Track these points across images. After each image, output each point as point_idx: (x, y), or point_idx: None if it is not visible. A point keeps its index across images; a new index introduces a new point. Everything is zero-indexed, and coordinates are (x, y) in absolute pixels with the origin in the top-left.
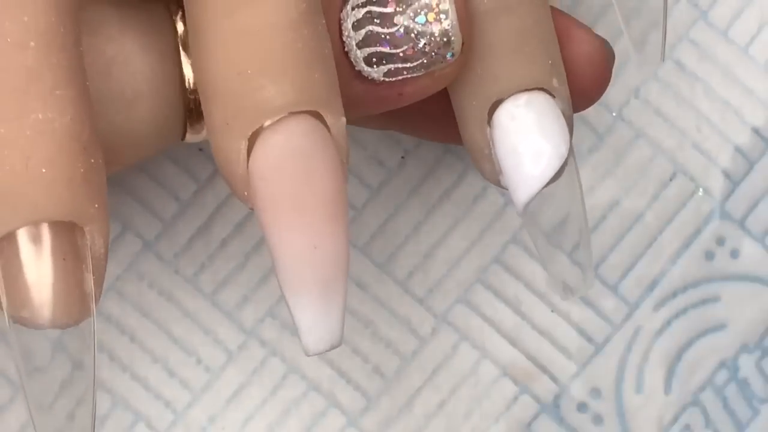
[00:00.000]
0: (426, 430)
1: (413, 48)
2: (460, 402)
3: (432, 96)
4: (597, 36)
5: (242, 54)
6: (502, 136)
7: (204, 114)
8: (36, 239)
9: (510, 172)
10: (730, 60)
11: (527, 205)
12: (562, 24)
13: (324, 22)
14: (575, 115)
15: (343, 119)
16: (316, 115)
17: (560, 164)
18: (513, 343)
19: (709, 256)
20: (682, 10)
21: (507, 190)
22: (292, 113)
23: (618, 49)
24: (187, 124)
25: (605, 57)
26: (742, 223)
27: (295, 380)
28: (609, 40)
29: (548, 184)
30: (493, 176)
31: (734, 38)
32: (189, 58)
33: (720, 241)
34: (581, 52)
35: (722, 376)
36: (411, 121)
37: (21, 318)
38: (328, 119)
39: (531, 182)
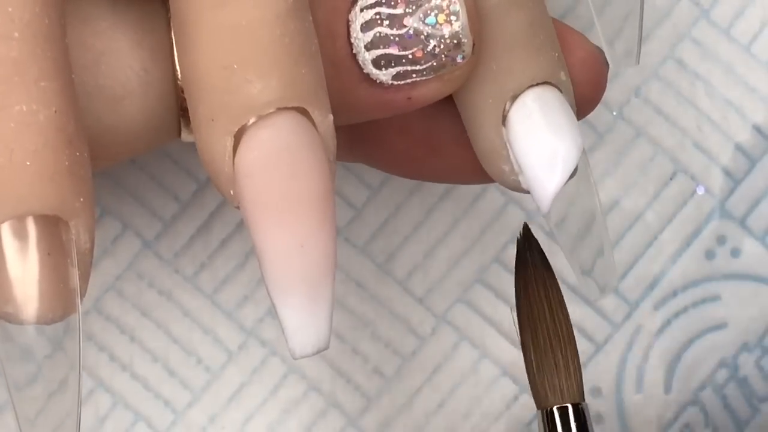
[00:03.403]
0: (426, 429)
1: (422, 50)
2: (460, 402)
3: (399, 130)
4: (591, 42)
5: (228, 48)
6: (519, 134)
7: (189, 110)
8: (20, 234)
9: (532, 170)
10: (731, 58)
11: (553, 203)
12: (557, 30)
13: (311, 18)
14: None
15: (330, 117)
16: (303, 112)
17: (579, 155)
18: (513, 342)
19: (710, 255)
20: (684, 8)
21: (528, 192)
22: (279, 109)
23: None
24: (182, 122)
25: (601, 61)
26: (742, 222)
27: (295, 380)
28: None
29: (569, 179)
30: (511, 178)
31: (736, 37)
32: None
33: (720, 240)
34: (578, 57)
35: (722, 375)
36: (376, 155)
37: (5, 314)
38: (315, 116)
39: (555, 178)
